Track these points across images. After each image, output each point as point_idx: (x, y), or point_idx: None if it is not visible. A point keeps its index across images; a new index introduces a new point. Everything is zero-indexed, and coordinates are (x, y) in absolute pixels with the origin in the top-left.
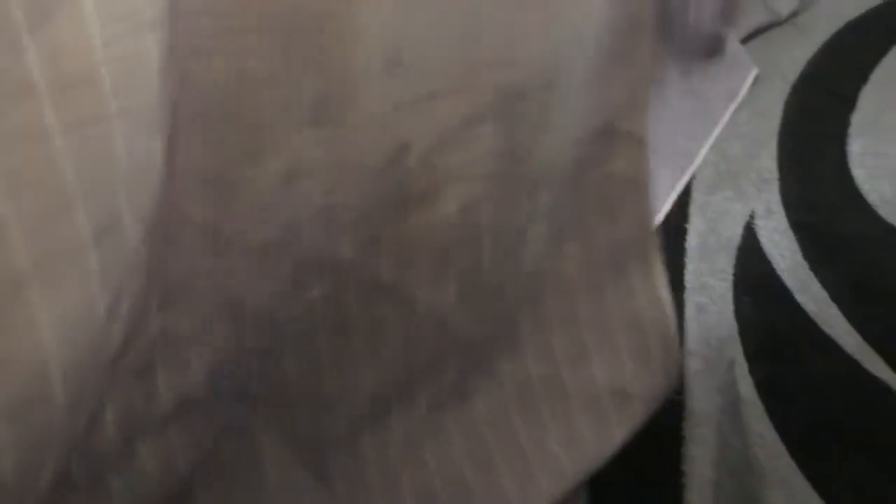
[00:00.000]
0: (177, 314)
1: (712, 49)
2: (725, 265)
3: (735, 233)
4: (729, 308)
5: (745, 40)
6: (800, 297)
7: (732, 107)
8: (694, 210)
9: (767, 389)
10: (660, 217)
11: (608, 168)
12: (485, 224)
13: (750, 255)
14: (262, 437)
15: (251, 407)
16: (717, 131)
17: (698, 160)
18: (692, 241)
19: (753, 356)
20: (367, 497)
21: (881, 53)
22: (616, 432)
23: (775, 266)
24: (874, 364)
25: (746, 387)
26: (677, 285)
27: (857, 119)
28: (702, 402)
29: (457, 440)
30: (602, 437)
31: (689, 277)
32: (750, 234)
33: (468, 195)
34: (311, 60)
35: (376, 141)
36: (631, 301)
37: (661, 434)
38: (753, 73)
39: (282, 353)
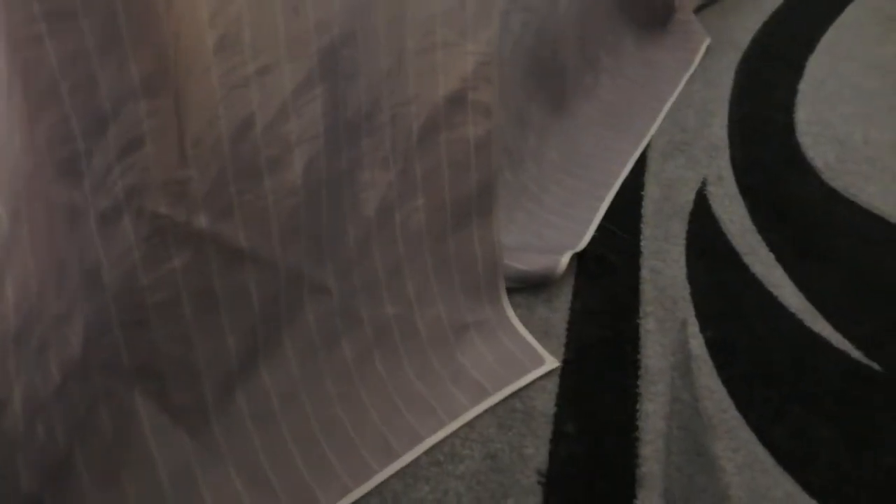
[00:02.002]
0: (55, 295)
1: (666, 19)
2: (679, 230)
3: (688, 199)
4: (682, 271)
5: (699, 10)
6: (748, 259)
7: (686, 76)
8: (649, 178)
9: (717, 347)
10: (618, 182)
11: (459, 133)
12: (322, 178)
13: (702, 220)
14: (138, 406)
15: (126, 378)
16: (671, 100)
17: (653, 129)
18: (648, 208)
19: (704, 316)
20: (250, 449)
21: (828, 21)
22: (463, 362)
23: (725, 230)
24: (816, 322)
25: (697, 345)
26: (633, 250)
27: (804, 87)
28: (655, 360)
29: (329, 385)
30: (449, 367)
31: (645, 242)
32: (702, 199)
33: (309, 155)
34: (139, 38)
35: (220, 115)
36: (470, 247)
37: (618, 391)
38: (706, 42)
39: (149, 324)
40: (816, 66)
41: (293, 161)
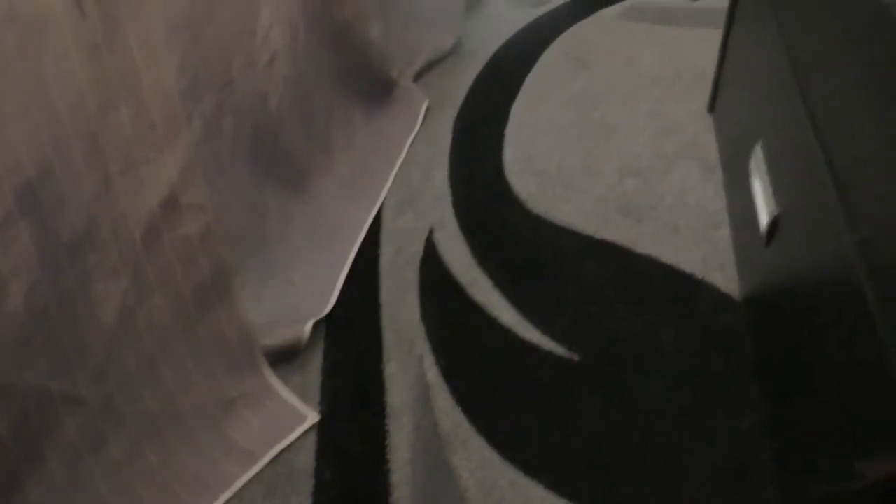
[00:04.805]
0: None
1: (389, 90)
2: (412, 277)
3: (418, 248)
4: (416, 313)
5: (417, 77)
6: (471, 290)
7: (410, 138)
8: (384, 236)
9: (449, 373)
10: (356, 246)
11: (180, 232)
12: (49, 300)
13: (431, 264)
14: None
15: None
16: (399, 162)
17: (384, 191)
18: (384, 264)
19: (437, 349)
20: None
21: (528, 69)
22: (232, 434)
23: (451, 269)
24: (526, 331)
25: (433, 375)
26: (373, 303)
27: (510, 130)
28: (398, 397)
29: (101, 485)
30: (219, 442)
31: (383, 294)
32: (430, 246)
33: (28, 283)
34: None
35: None
36: (219, 328)
37: (368, 432)
38: (425, 104)
39: None
40: (519, 109)
41: (11, 291)
